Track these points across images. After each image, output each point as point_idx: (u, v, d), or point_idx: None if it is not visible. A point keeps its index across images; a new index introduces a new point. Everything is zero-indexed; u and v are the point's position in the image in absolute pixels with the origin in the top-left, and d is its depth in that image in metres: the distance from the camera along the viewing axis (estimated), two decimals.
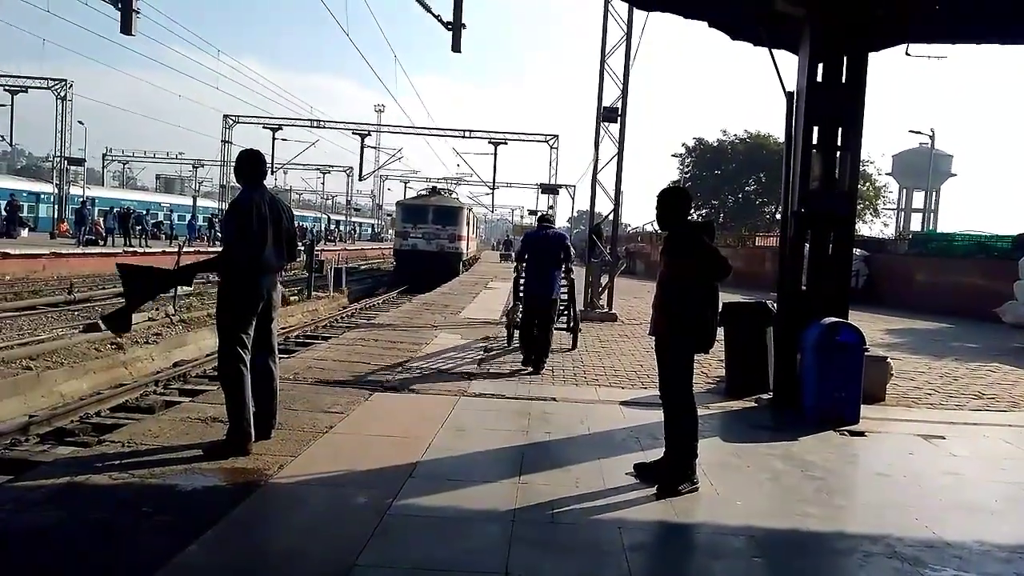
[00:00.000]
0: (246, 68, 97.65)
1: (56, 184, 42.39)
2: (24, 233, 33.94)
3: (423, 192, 40.95)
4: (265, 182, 5.32)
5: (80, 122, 46.30)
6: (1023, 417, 7.50)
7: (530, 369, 8.61)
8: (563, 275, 9.52)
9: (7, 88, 40.72)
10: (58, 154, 42.02)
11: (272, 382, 5.32)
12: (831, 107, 7.34)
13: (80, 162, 44.92)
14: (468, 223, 37.81)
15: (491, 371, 8.58)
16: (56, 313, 16.29)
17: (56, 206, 41.40)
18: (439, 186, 44.27)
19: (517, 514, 4.15)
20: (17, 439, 7.48)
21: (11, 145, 43.68)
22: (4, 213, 33.94)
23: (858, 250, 20.83)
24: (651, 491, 4.61)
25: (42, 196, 44.14)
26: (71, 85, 40.56)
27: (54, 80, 40.70)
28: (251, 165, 5.25)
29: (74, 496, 4.13)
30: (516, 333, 10.19)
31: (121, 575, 3.28)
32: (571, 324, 10.81)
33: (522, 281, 9.65)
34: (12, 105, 41.14)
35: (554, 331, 9.31)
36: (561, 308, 10.25)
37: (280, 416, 5.91)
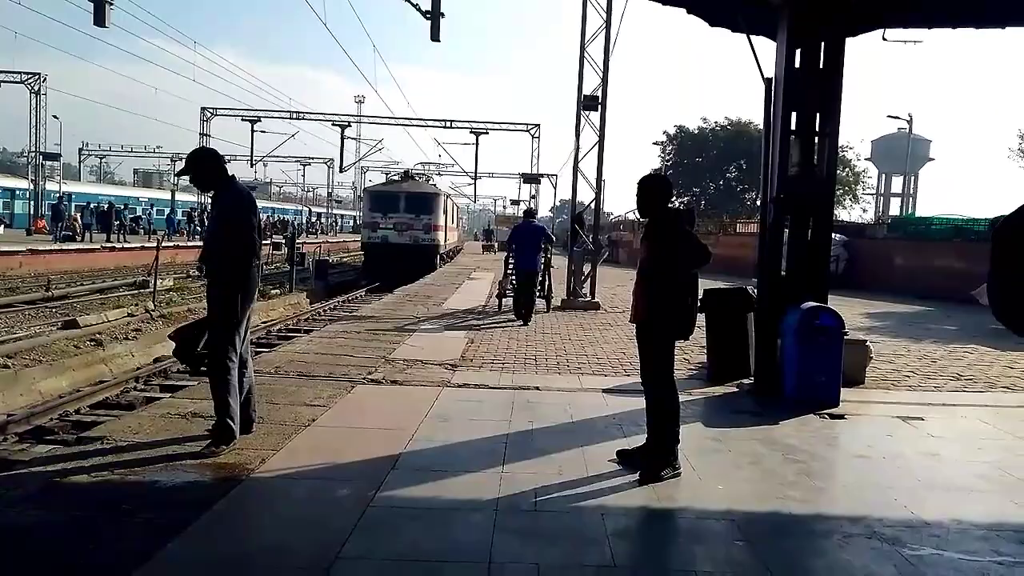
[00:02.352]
0: (223, 60, 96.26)
1: (32, 180, 41.78)
2: (0, 230, 33.45)
3: (394, 178, 36.16)
4: (238, 176, 5.37)
5: (55, 116, 45.50)
6: (1000, 397, 7.62)
7: (521, 322, 11.97)
8: (542, 255, 12.91)
9: None
10: (33, 149, 41.40)
11: (249, 374, 5.27)
12: (809, 93, 7.36)
13: (56, 157, 44.26)
14: (447, 211, 33.71)
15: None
16: (34, 311, 16.10)
17: (32, 202, 40.81)
18: (414, 171, 39.19)
19: (500, 503, 4.16)
20: None
21: None
22: None
23: (837, 235, 21.02)
24: (634, 477, 4.64)
25: (17, 192, 43.52)
26: (44, 79, 39.93)
27: (27, 74, 40.05)
28: (217, 161, 5.21)
29: (53, 494, 4.09)
30: (504, 302, 13.77)
31: (101, 573, 3.25)
32: (545, 292, 14.10)
33: (511, 260, 13.21)
34: None
35: (536, 298, 12.75)
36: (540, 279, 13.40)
37: (262, 410, 5.88)
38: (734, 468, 5.06)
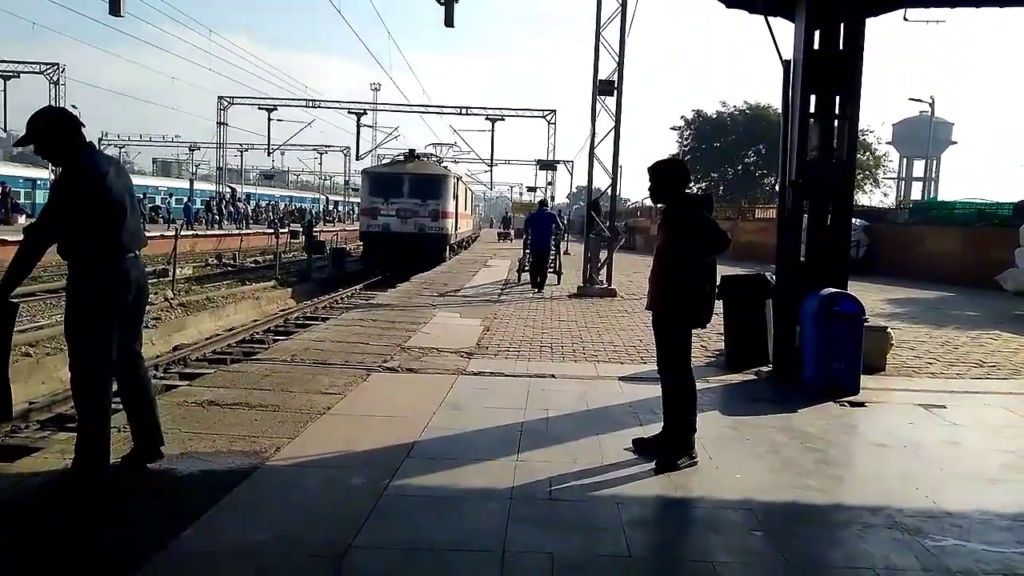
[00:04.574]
0: (239, 48, 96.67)
1: (52, 170, 42.11)
2: (21, 220, 33.83)
3: (398, 158, 31.14)
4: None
5: (74, 106, 45.71)
6: None
7: (536, 290, 15.31)
8: (553, 236, 16.45)
9: None
10: None
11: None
12: (828, 75, 7.24)
13: None
14: (458, 196, 29.59)
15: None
16: (55, 299, 16.25)
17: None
18: (423, 152, 33.18)
19: (515, 492, 4.13)
20: (17, 426, 7.49)
21: (5, 131, 43.26)
22: None
23: (857, 220, 20.74)
24: (650, 466, 4.59)
25: (39, 182, 43.92)
26: (63, 69, 40.18)
27: (46, 64, 40.32)
28: (73, 122, 4.00)
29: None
30: (523, 276, 17.17)
31: (116, 561, 3.26)
32: (556, 266, 17.27)
33: (528, 241, 16.83)
34: (5, 90, 40.86)
35: (547, 273, 16.18)
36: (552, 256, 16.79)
37: (277, 398, 5.91)
38: (752, 457, 5.00)
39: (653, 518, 4.11)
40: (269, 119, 50.38)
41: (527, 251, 16.96)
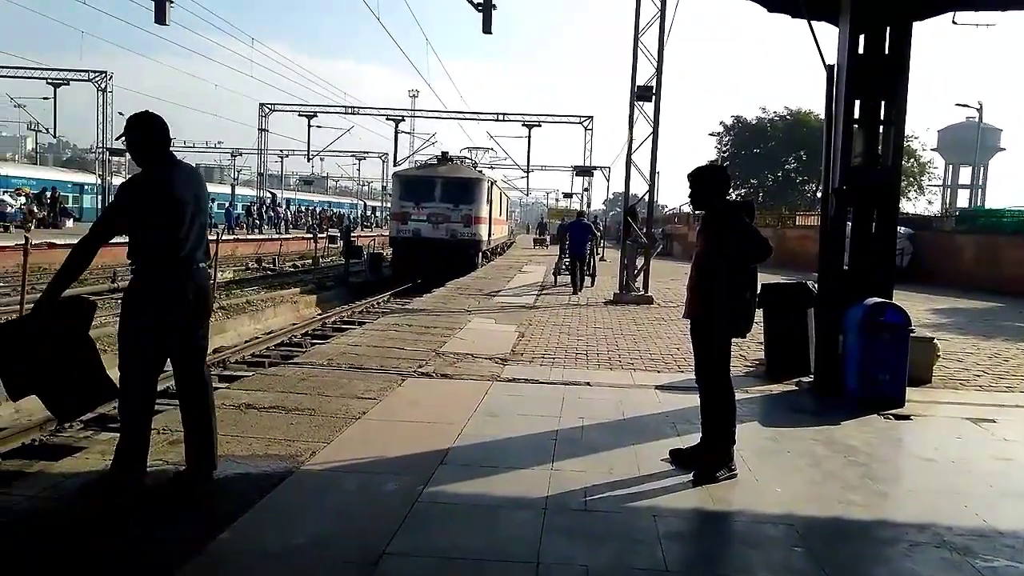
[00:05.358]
0: (280, 55, 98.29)
1: (99, 175, 43.26)
2: (69, 223, 34.70)
3: (431, 161, 30.25)
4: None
5: (121, 113, 46.85)
6: None
7: (573, 290, 16.29)
8: (590, 243, 17.63)
9: (49, 81, 41.57)
10: (100, 145, 42.86)
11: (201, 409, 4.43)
12: (873, 80, 7.08)
13: (122, 152, 45.55)
14: (491, 201, 28.05)
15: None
16: (100, 301, 16.60)
17: (99, 196, 42.23)
18: (458, 155, 31.90)
19: (549, 502, 4.08)
20: (61, 426, 7.64)
21: (55, 137, 44.55)
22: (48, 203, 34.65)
23: (902, 228, 20.28)
24: (687, 478, 4.51)
25: (86, 187, 45.10)
26: (111, 77, 41.29)
27: (94, 72, 41.48)
28: (147, 127, 4.06)
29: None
30: (558, 278, 18.45)
31: (153, 561, 3.28)
32: (591, 270, 18.30)
33: (566, 247, 18.03)
34: (55, 98, 42.05)
35: (585, 274, 17.35)
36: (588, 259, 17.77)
37: (313, 402, 5.95)
38: (793, 470, 4.88)
39: (690, 531, 4.03)
40: (309, 125, 51.14)
41: (563, 256, 18.46)
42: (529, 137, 47.88)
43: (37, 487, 4.13)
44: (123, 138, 4.10)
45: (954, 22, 8.30)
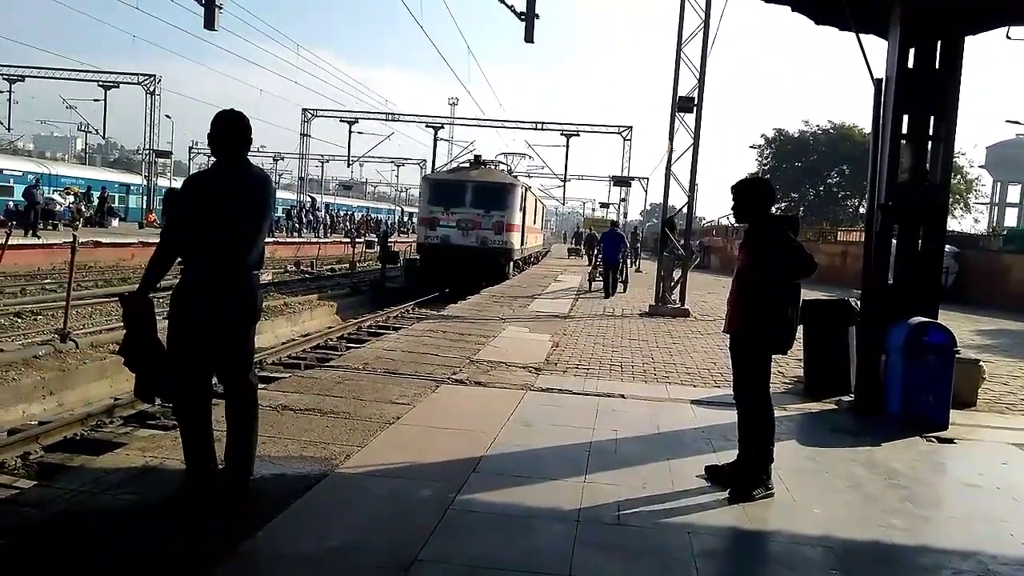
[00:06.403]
0: (323, 62, 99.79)
1: (145, 176, 44.23)
2: (115, 223, 35.52)
3: (463, 164, 28.72)
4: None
5: (168, 116, 48.17)
6: None
7: (606, 295, 18.00)
8: (621, 253, 19.35)
9: (100, 84, 42.72)
10: (147, 147, 43.86)
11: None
12: (923, 95, 6.94)
13: (167, 155, 46.85)
14: (525, 208, 26.64)
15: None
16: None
17: (145, 197, 43.19)
18: (489, 159, 29.63)
19: (582, 514, 4.05)
20: (102, 421, 7.80)
21: (104, 138, 45.78)
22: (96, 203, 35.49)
23: (948, 246, 19.83)
24: (723, 495, 4.44)
25: (132, 187, 46.13)
26: (159, 80, 42.23)
27: (143, 75, 42.45)
28: (230, 125, 4.17)
29: (148, 479, 4.23)
30: (593, 284, 20.37)
31: (188, 561, 3.32)
32: (624, 276, 20.12)
33: (599, 255, 19.90)
34: (105, 100, 43.18)
35: (619, 281, 19.25)
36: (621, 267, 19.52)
37: (348, 406, 5.98)
38: (832, 491, 4.78)
39: (725, 550, 3.96)
40: (350, 131, 51.71)
41: (597, 263, 20.96)
42: (567, 146, 47.86)
43: (78, 481, 4.20)
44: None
45: (1008, 36, 8.08)
